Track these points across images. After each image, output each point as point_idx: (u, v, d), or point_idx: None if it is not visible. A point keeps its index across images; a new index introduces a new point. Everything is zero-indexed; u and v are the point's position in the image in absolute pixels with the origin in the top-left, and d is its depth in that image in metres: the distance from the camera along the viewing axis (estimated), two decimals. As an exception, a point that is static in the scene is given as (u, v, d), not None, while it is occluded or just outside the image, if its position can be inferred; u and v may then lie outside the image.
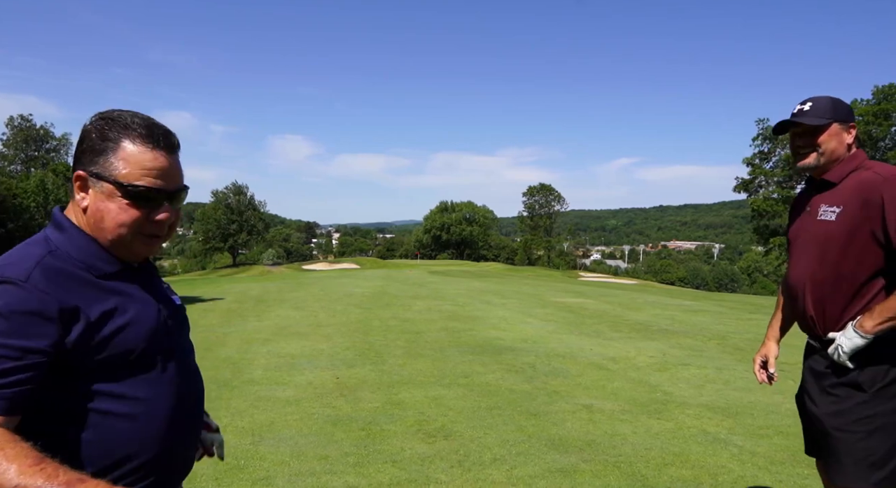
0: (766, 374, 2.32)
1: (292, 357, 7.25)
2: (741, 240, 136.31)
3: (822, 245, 1.96)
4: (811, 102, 2.04)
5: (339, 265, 54.93)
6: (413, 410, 4.86)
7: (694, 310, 13.78)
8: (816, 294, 1.98)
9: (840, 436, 1.88)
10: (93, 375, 1.09)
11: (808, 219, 2.05)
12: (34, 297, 1.04)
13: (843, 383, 1.90)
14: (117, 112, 1.18)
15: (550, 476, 3.41)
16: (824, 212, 1.97)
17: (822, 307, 1.97)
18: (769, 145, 39.80)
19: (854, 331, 1.84)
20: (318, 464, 3.64)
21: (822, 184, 2.03)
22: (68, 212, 1.21)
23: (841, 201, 1.93)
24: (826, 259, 1.95)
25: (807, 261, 2.03)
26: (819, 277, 1.97)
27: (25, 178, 43.20)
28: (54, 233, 1.17)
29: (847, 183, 1.95)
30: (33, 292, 1.05)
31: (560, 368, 6.54)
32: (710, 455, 3.77)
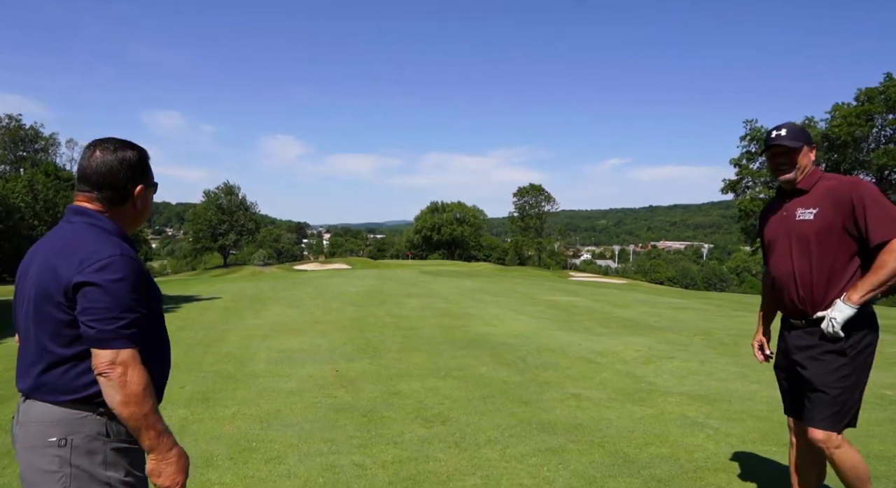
0: (763, 355, 2.87)
1: (292, 352, 7.49)
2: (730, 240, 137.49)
3: (805, 240, 2.44)
4: (785, 129, 2.54)
5: (331, 265, 55.01)
6: (411, 399, 5.13)
7: (681, 307, 14.15)
8: (803, 280, 2.45)
9: (825, 392, 2.38)
10: (149, 322, 1.59)
11: (787, 221, 2.53)
12: (141, 267, 1.55)
13: (830, 351, 2.39)
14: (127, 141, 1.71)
15: (540, 454, 3.70)
16: (802, 213, 2.47)
17: (809, 291, 2.44)
18: (756, 145, 40.36)
19: (844, 304, 2.31)
20: (325, 446, 3.90)
21: (794, 192, 2.54)
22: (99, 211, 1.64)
23: (815, 204, 2.44)
24: (810, 251, 2.43)
25: (791, 255, 2.49)
26: (804, 267, 2.45)
27: (15, 179, 42.95)
28: (109, 226, 1.63)
29: (816, 190, 2.47)
30: (137, 265, 1.54)
31: (550, 361, 6.83)
32: (688, 436, 4.07)
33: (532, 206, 73.84)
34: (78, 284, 1.46)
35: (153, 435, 1.48)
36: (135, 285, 1.51)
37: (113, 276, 1.47)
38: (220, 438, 4.07)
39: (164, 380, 1.72)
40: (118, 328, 1.45)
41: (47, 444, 1.48)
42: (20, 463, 1.54)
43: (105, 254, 1.49)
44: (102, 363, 1.45)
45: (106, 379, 1.45)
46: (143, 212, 1.71)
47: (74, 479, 1.48)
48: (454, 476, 3.37)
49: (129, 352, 1.46)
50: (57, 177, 43.00)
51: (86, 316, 1.45)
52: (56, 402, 1.50)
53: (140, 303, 1.52)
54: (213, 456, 3.68)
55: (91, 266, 1.46)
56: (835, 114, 35.04)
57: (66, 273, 1.48)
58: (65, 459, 1.48)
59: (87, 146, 1.63)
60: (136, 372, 1.46)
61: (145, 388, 1.46)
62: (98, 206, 1.62)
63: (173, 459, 1.52)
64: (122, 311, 1.47)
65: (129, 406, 1.44)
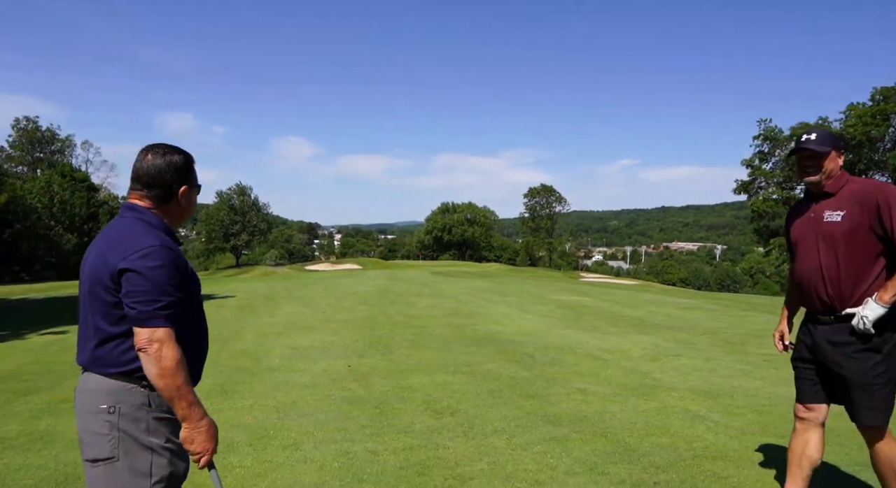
0: (782, 345, 2.99)
1: (305, 348, 7.69)
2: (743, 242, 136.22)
3: (832, 240, 2.57)
4: (816, 133, 2.68)
5: (342, 266, 55.39)
6: (421, 393, 5.31)
7: (689, 307, 14.20)
8: (831, 278, 2.58)
9: (868, 389, 2.52)
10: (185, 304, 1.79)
11: (814, 222, 2.66)
12: (180, 257, 1.76)
13: (865, 349, 2.52)
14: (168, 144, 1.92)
15: (545, 443, 3.86)
16: (829, 215, 2.60)
17: (837, 288, 2.57)
18: (769, 145, 40.11)
19: (876, 304, 2.45)
20: (339, 434, 4.09)
21: (821, 195, 2.68)
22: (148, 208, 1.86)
23: (842, 206, 2.58)
24: (837, 250, 2.56)
25: (818, 255, 2.62)
26: (831, 265, 2.58)
27: (32, 180, 43.71)
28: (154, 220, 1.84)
29: (843, 193, 2.61)
30: (175, 254, 1.75)
31: (557, 358, 6.98)
32: (689, 427, 4.21)
33: (543, 207, 73.84)
34: (122, 270, 1.66)
35: (185, 405, 1.67)
36: (171, 272, 1.70)
37: (152, 264, 1.66)
38: (240, 427, 4.26)
39: (201, 360, 1.92)
40: (155, 309, 1.65)
41: (99, 410, 1.69)
42: (78, 426, 1.74)
43: (146, 245, 1.68)
44: (141, 340, 1.64)
45: (144, 354, 1.65)
46: (187, 209, 1.92)
47: (121, 441, 1.68)
48: (462, 461, 3.54)
49: (164, 330, 1.66)
50: (72, 178, 43.69)
51: (128, 298, 1.66)
52: (106, 374, 1.70)
53: (176, 288, 1.72)
54: (234, 443, 3.87)
55: (133, 254, 1.67)
56: (849, 113, 34.78)
57: (113, 260, 1.68)
58: (113, 424, 1.68)
59: (141, 150, 1.85)
60: (171, 349, 1.65)
61: (178, 363, 1.65)
62: (147, 203, 1.82)
63: (204, 428, 1.72)
64: (160, 295, 1.66)
65: (164, 378, 1.63)
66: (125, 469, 1.68)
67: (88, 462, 1.72)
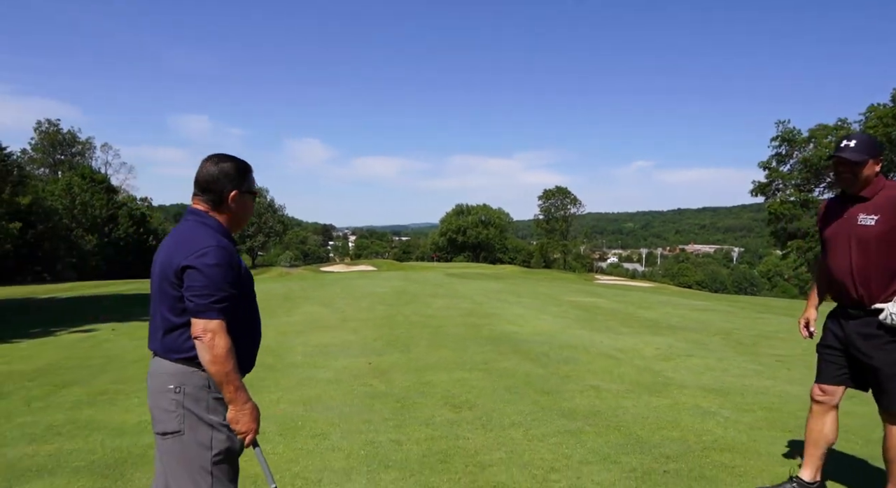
0: (807, 332, 3.16)
1: (326, 346, 7.93)
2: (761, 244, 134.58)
3: (865, 242, 2.76)
4: (855, 140, 2.82)
5: (357, 267, 55.71)
6: (440, 388, 5.51)
7: (704, 309, 14.25)
8: (861, 277, 2.78)
9: (894, 379, 2.72)
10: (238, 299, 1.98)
11: (847, 224, 2.84)
12: (234, 256, 1.97)
13: (893, 341, 2.73)
14: (226, 154, 2.13)
15: (560, 435, 4.04)
16: (863, 219, 2.78)
17: (867, 286, 2.77)
18: (787, 147, 39.78)
19: None
20: (364, 426, 4.30)
21: (856, 199, 2.85)
22: (207, 211, 2.07)
23: (877, 211, 2.76)
24: (869, 251, 2.75)
25: (850, 255, 2.81)
26: (863, 265, 2.77)
27: (53, 182, 44.64)
28: (213, 223, 2.04)
29: (878, 198, 2.78)
30: (230, 254, 1.96)
31: (572, 357, 7.14)
32: (699, 422, 4.36)
33: (558, 209, 73.80)
34: (184, 267, 1.88)
35: (232, 389, 1.89)
36: (226, 270, 1.91)
37: (209, 262, 1.88)
38: (269, 418, 4.49)
39: (254, 349, 2.15)
40: (210, 302, 1.86)
41: (167, 390, 1.92)
42: (149, 403, 1.97)
43: (205, 245, 1.90)
44: (197, 329, 1.86)
45: (199, 342, 1.86)
46: (239, 212, 2.10)
47: (186, 418, 1.91)
48: (481, 451, 3.74)
49: (217, 322, 1.87)
50: (92, 179, 44.57)
51: (188, 292, 1.88)
52: (172, 359, 1.93)
53: (230, 284, 1.92)
54: (265, 432, 4.10)
55: (194, 253, 1.89)
56: (870, 115, 34.39)
57: (177, 259, 1.90)
58: (179, 402, 1.91)
59: (203, 159, 2.07)
60: (222, 339, 1.86)
61: (228, 352, 1.87)
62: (205, 207, 2.04)
63: (248, 410, 1.94)
64: (214, 290, 1.87)
65: (216, 364, 1.85)
66: (190, 441, 1.90)
67: (159, 435, 1.95)
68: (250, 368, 2.12)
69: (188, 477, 1.92)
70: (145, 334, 6.60)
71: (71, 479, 3.33)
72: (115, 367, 6.62)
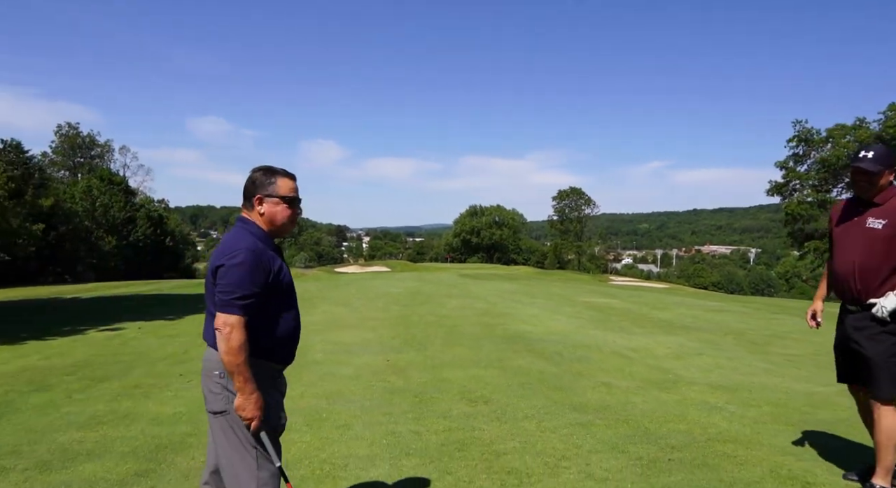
0: (815, 322, 3.44)
1: (345, 344, 8.19)
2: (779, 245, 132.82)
3: (869, 243, 3.03)
4: (873, 151, 3.08)
5: (371, 268, 56.10)
6: (456, 384, 5.73)
7: (717, 309, 14.33)
8: (862, 274, 3.04)
9: (884, 366, 2.99)
10: (270, 297, 2.17)
11: (857, 226, 3.11)
12: (264, 258, 2.17)
13: (885, 332, 2.99)
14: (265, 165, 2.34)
15: (571, 427, 4.25)
16: (872, 222, 3.05)
17: (866, 282, 3.03)
18: (804, 147, 39.43)
19: (894, 296, 2.93)
20: (384, 418, 4.54)
21: (868, 204, 3.11)
22: (249, 217, 2.28)
23: (885, 216, 3.02)
24: (872, 252, 3.01)
25: (854, 253, 3.08)
26: (864, 263, 3.04)
27: (73, 184, 45.52)
28: (253, 228, 2.25)
29: (889, 205, 3.04)
30: (259, 256, 2.15)
31: (584, 356, 7.33)
32: (705, 416, 4.55)
33: (572, 210, 73.71)
34: (218, 267, 2.12)
35: (242, 380, 2.08)
36: (252, 271, 2.09)
37: (235, 262, 2.09)
38: (295, 411, 4.74)
39: (292, 344, 2.34)
40: (232, 299, 2.07)
41: (214, 375, 2.17)
42: (202, 386, 2.22)
43: (237, 247, 2.12)
44: (218, 322, 2.07)
45: (218, 334, 2.07)
46: (270, 216, 2.26)
47: (231, 399, 2.15)
48: (496, 441, 3.96)
49: (236, 318, 2.05)
50: (111, 182, 45.41)
51: (217, 288, 2.11)
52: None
53: (255, 284, 2.10)
54: (292, 423, 4.34)
55: (227, 254, 2.12)
56: (889, 114, 34.02)
57: (216, 260, 2.15)
58: (224, 385, 2.16)
59: None
60: (238, 333, 2.04)
61: (241, 346, 2.05)
62: (247, 214, 2.28)
63: (253, 399, 2.11)
64: (238, 288, 2.07)
65: (228, 355, 2.05)
66: (235, 420, 2.15)
67: (210, 413, 2.20)
68: (290, 361, 2.34)
69: (235, 450, 2.17)
70: (170, 332, 7.09)
71: (119, 462, 3.61)
72: (145, 363, 6.93)
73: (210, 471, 2.31)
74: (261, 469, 2.17)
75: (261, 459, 2.18)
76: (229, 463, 2.18)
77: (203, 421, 4.44)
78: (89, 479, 3.34)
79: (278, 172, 2.30)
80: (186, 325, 10.35)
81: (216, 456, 2.24)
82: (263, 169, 2.31)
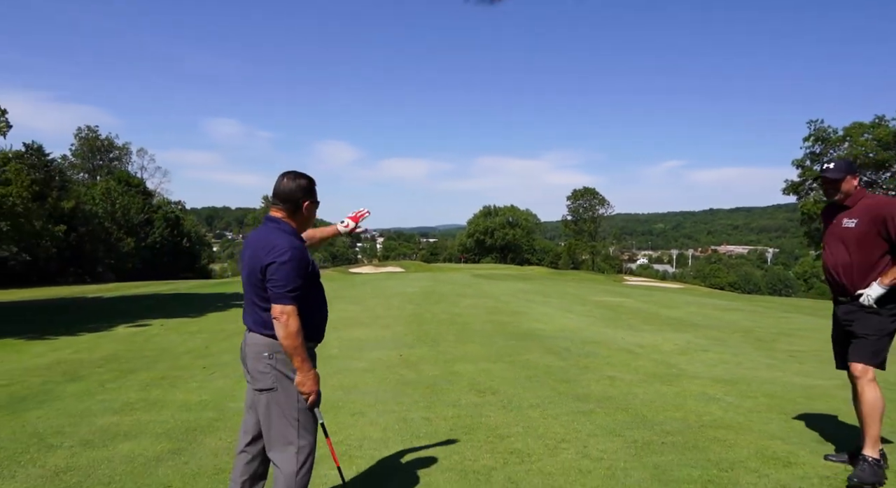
0: None
1: (360, 341, 8.49)
2: (797, 245, 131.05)
3: (847, 241, 3.41)
4: (833, 163, 3.53)
5: (385, 268, 56.36)
6: (466, 377, 5.99)
7: (728, 308, 14.43)
8: (845, 268, 3.41)
9: (865, 337, 3.35)
10: (309, 287, 2.48)
11: (836, 227, 3.51)
12: (305, 254, 2.46)
13: (872, 314, 3.33)
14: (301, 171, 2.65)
15: (573, 415, 4.49)
16: (846, 222, 3.45)
17: (850, 277, 3.39)
18: (821, 146, 39.11)
19: (878, 285, 3.29)
20: (397, 406, 4.82)
21: (842, 207, 3.52)
22: (283, 218, 2.58)
23: (856, 216, 3.41)
24: (850, 249, 3.39)
25: (838, 252, 3.45)
26: (846, 261, 3.40)
27: (93, 186, 46.46)
28: (287, 227, 2.55)
29: (858, 206, 3.44)
30: (302, 253, 2.44)
31: (592, 351, 7.54)
32: (702, 406, 4.76)
33: (586, 210, 73.54)
34: (267, 264, 2.41)
35: (300, 359, 2.40)
36: (298, 266, 2.42)
37: (286, 259, 2.39)
38: (313, 399, 5.04)
39: (324, 324, 2.68)
40: (286, 291, 2.38)
41: (262, 356, 2.47)
42: (248, 366, 2.51)
43: (283, 247, 2.42)
44: (275, 311, 2.39)
45: (276, 322, 2.39)
46: (308, 218, 2.65)
47: (277, 378, 2.45)
48: (501, 426, 4.22)
49: (291, 307, 2.39)
50: (128, 184, 46.29)
51: (269, 283, 2.41)
52: (264, 334, 2.47)
53: (301, 277, 2.43)
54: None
55: (274, 253, 2.41)
56: (908, 112, 33.64)
57: (262, 258, 2.43)
58: (272, 366, 2.46)
59: (280, 175, 2.60)
60: (294, 320, 2.38)
61: (297, 330, 2.39)
62: (282, 215, 2.57)
63: (311, 376, 2.45)
64: (289, 281, 2.39)
65: (288, 339, 2.37)
66: (281, 396, 2.45)
67: (257, 391, 2.49)
68: (321, 339, 2.65)
69: (280, 423, 2.47)
70: (191, 329, 7.56)
71: (154, 442, 3.93)
72: (169, 357, 7.28)
73: (246, 442, 2.62)
74: (301, 437, 2.48)
75: (301, 430, 2.49)
76: (274, 433, 2.48)
77: (228, 409, 4.76)
78: (128, 456, 3.66)
79: (314, 180, 2.67)
80: (206, 323, 10.73)
81: (255, 426, 2.56)
82: (307, 176, 2.63)
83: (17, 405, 4.93)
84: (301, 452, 2.48)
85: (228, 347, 7.97)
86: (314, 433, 2.55)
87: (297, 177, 2.60)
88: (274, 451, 2.49)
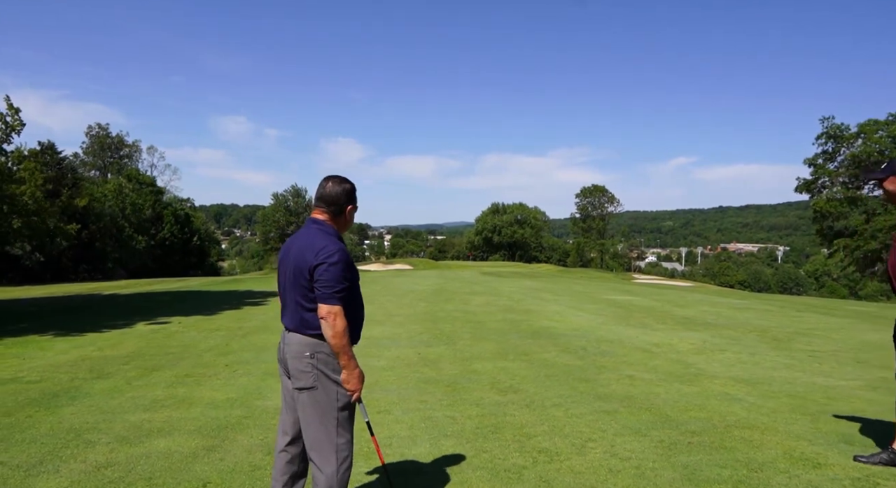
0: None
1: (376, 339, 8.55)
2: (808, 243, 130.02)
3: None
4: (885, 164, 3.47)
5: (393, 266, 56.58)
6: (486, 375, 6.05)
7: (741, 307, 14.39)
8: None
9: None
10: (352, 289, 2.55)
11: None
12: (349, 256, 2.55)
13: None
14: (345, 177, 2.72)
15: (597, 414, 4.54)
16: None
17: None
18: (833, 144, 38.81)
19: None
20: (421, 405, 4.88)
21: None
22: (326, 221, 2.65)
23: None
24: None
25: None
26: None
27: (104, 183, 46.80)
28: (331, 230, 2.61)
29: None
30: (348, 255, 2.51)
31: (608, 350, 7.58)
32: (725, 406, 4.79)
33: (595, 207, 73.33)
34: (315, 265, 2.47)
35: (346, 358, 2.47)
36: (344, 267, 2.49)
37: (333, 260, 2.46)
38: (337, 397, 5.11)
39: (360, 327, 2.72)
40: (333, 292, 2.45)
41: (304, 356, 2.52)
42: (289, 365, 2.57)
43: (331, 249, 2.49)
44: (323, 311, 2.45)
45: (324, 321, 2.45)
46: (350, 221, 2.72)
47: (318, 377, 2.51)
48: (527, 425, 4.27)
49: (338, 307, 2.45)
50: (139, 181, 46.60)
51: (317, 284, 2.47)
52: (306, 334, 2.53)
53: (347, 278, 2.50)
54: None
55: (322, 254, 2.47)
56: (923, 109, 33.33)
57: (310, 259, 2.49)
58: (313, 365, 2.51)
59: (323, 179, 2.67)
60: (341, 320, 2.45)
61: (344, 329, 2.45)
62: (325, 217, 2.63)
63: (356, 373, 2.52)
64: (336, 282, 2.45)
65: (335, 338, 2.43)
66: (321, 394, 2.51)
67: (297, 389, 2.55)
68: (358, 340, 2.71)
69: (319, 421, 2.53)
70: (209, 326, 7.65)
71: (187, 438, 4.00)
72: (192, 355, 7.37)
73: (286, 442, 2.68)
74: (339, 436, 2.54)
75: (340, 428, 2.54)
76: (314, 431, 2.54)
77: (256, 406, 4.83)
78: (165, 452, 3.74)
79: (355, 185, 2.74)
80: (224, 320, 10.84)
81: (294, 426, 2.62)
82: (350, 182, 2.70)
83: (51, 401, 5.03)
84: (340, 450, 2.54)
85: (247, 345, 8.06)
86: (352, 431, 2.61)
87: (342, 181, 2.66)
88: (314, 450, 2.55)
